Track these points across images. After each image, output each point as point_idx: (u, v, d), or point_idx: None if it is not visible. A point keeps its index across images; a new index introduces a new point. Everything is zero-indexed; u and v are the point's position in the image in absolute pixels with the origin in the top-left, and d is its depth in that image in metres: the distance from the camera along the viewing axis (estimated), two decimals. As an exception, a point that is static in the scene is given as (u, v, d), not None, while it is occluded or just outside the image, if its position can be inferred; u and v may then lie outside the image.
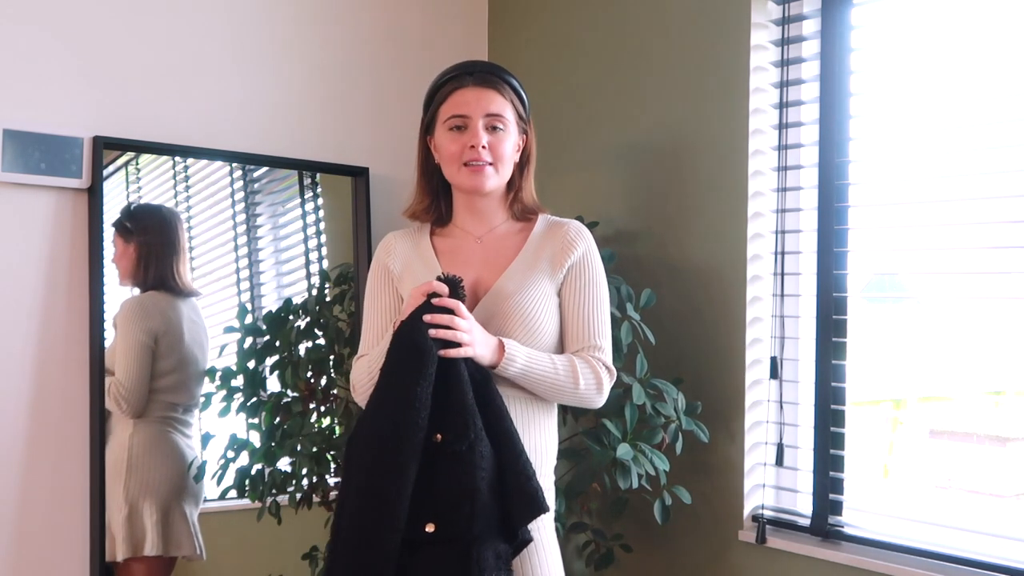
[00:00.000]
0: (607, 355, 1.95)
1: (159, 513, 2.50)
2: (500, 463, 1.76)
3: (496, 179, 1.95)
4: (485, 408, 1.77)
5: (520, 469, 1.77)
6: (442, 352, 1.74)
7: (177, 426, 2.58)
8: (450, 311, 1.78)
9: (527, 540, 1.81)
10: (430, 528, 1.71)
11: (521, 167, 2.00)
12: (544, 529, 1.91)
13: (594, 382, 1.91)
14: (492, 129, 1.92)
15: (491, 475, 1.74)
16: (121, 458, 2.46)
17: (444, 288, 1.80)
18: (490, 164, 1.92)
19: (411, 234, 2.05)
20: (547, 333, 1.91)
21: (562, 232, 1.99)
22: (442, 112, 1.95)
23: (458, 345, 1.76)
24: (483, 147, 1.91)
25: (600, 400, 1.95)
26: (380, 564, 1.69)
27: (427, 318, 1.77)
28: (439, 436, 1.74)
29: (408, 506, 1.70)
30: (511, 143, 1.95)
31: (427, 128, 2.00)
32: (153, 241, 2.56)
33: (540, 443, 1.92)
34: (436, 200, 2.04)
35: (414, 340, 1.76)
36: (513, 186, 2.01)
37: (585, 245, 1.98)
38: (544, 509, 1.78)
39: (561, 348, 1.97)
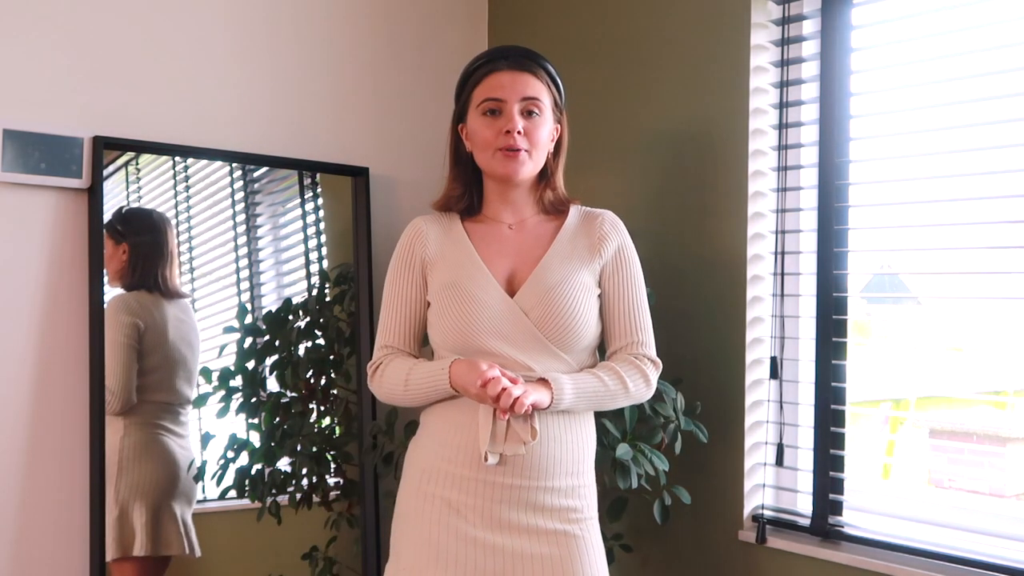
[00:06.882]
0: (649, 347, 1.98)
1: (149, 514, 2.50)
2: None
3: (531, 165, 1.90)
4: None
5: None
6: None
7: (169, 427, 2.57)
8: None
9: None
10: None
11: (554, 157, 1.98)
12: (591, 528, 1.93)
13: (642, 380, 1.94)
14: (528, 114, 1.88)
15: None
16: (112, 460, 2.45)
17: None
18: (525, 150, 1.88)
19: (439, 219, 2.02)
20: (588, 324, 1.91)
21: (597, 224, 1.99)
22: (476, 95, 1.90)
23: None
24: (519, 132, 1.86)
25: (650, 393, 1.99)
26: None
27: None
28: None
29: None
30: (547, 129, 1.91)
31: (459, 115, 1.96)
32: (141, 245, 2.55)
33: (581, 440, 1.93)
34: (468, 190, 2.00)
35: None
36: (545, 176, 1.97)
37: (620, 238, 2.00)
38: None
39: (600, 340, 1.98)
